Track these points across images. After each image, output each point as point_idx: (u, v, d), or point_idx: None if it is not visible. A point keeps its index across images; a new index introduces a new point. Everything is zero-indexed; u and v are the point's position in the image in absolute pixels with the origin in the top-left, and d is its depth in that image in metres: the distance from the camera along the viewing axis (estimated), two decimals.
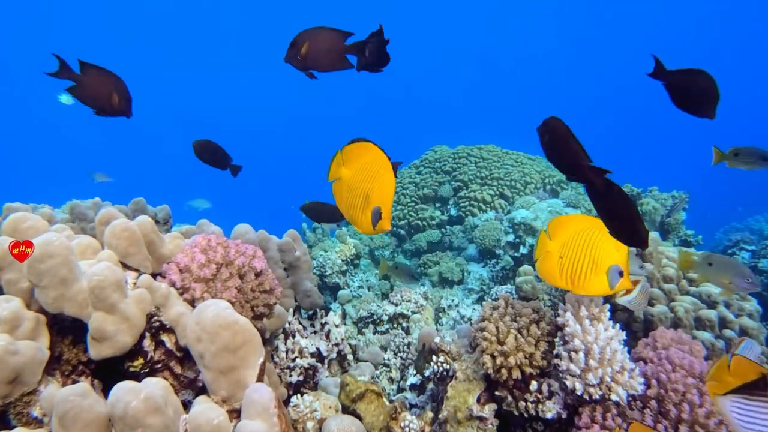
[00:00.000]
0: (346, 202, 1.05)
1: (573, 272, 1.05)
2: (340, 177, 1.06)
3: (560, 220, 1.12)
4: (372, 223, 1.00)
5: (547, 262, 1.10)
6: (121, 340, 0.89)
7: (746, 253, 3.44)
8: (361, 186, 1.01)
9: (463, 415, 1.23)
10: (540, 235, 1.14)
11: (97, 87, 1.29)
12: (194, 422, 0.76)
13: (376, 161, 1.00)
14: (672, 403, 1.04)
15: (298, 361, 1.59)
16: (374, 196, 0.99)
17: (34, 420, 0.81)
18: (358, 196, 1.01)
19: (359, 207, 1.02)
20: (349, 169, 1.04)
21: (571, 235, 1.07)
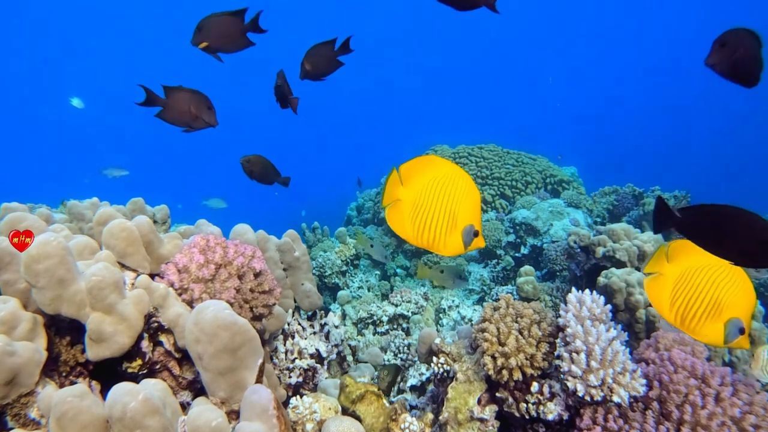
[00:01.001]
0: (417, 225, 0.92)
1: (687, 310, 0.92)
2: (400, 199, 0.93)
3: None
4: (464, 242, 0.90)
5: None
6: (119, 341, 0.89)
7: None
8: (440, 204, 0.90)
9: (464, 417, 1.23)
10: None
11: (181, 106, 1.37)
12: (193, 424, 0.76)
13: (451, 174, 0.90)
14: (674, 404, 1.04)
15: (298, 362, 1.59)
16: (463, 212, 0.89)
17: (31, 421, 0.81)
18: (438, 217, 0.90)
19: (442, 228, 0.90)
20: (411, 188, 0.92)
21: (696, 266, 0.92)
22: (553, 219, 3.26)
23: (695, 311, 0.92)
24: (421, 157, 0.95)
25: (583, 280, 2.27)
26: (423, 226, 0.92)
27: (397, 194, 0.93)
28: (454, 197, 0.89)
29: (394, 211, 0.94)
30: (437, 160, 0.92)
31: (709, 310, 0.90)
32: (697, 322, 0.92)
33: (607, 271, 1.90)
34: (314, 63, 1.48)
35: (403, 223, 0.94)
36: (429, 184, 0.91)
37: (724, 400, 1.01)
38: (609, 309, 1.17)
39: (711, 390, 1.03)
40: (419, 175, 0.91)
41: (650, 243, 1.98)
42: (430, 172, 0.91)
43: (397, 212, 0.93)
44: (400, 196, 0.93)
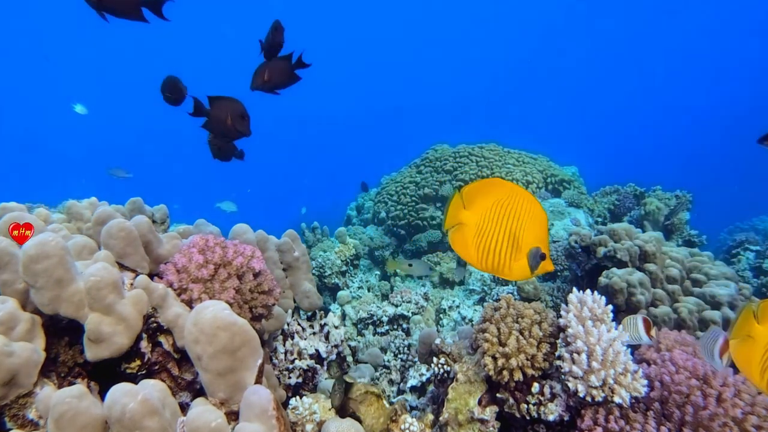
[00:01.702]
0: (481, 250, 0.90)
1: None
2: (462, 222, 0.92)
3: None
4: (531, 267, 0.87)
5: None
6: (117, 342, 0.89)
7: (751, 254, 3.44)
8: (503, 228, 0.87)
9: (464, 418, 1.23)
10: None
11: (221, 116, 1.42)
12: (192, 425, 0.76)
13: (515, 195, 0.88)
14: (675, 405, 1.04)
15: (297, 362, 1.59)
16: (528, 235, 0.87)
17: (29, 422, 0.81)
18: (502, 241, 0.88)
19: (506, 252, 0.88)
20: (474, 212, 0.91)
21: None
22: (554, 219, 3.26)
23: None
24: (485, 179, 0.94)
25: (584, 280, 2.27)
26: (486, 251, 0.90)
27: (459, 217, 0.91)
28: (518, 219, 0.87)
29: (457, 235, 0.93)
30: (500, 182, 0.90)
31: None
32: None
33: (608, 271, 1.90)
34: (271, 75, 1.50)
35: (467, 248, 0.92)
36: (492, 206, 0.89)
37: (726, 401, 1.01)
38: (610, 309, 1.17)
39: (713, 391, 1.03)
40: (482, 198, 0.90)
41: (651, 243, 1.98)
42: (493, 194, 0.89)
43: (461, 236, 0.92)
44: (462, 220, 0.91)
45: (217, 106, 1.42)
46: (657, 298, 1.79)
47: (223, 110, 1.41)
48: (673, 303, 1.79)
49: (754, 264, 3.30)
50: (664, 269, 1.91)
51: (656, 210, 3.23)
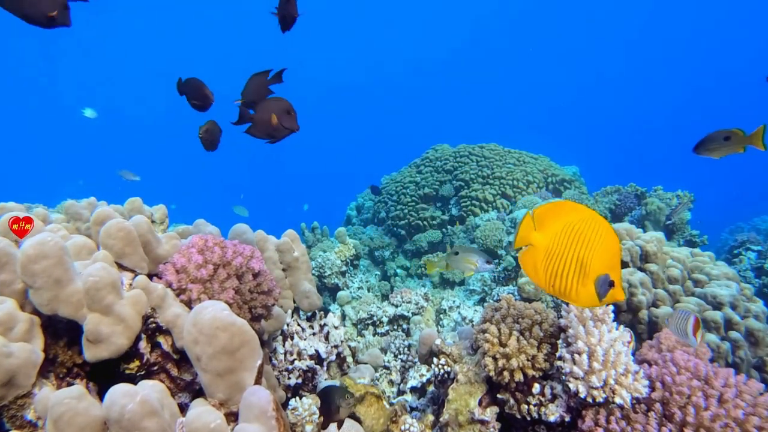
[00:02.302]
0: (549, 273, 0.90)
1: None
2: (532, 243, 0.91)
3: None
4: (599, 294, 0.85)
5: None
6: (116, 342, 0.89)
7: (753, 254, 3.44)
8: (572, 252, 0.86)
9: (465, 419, 1.23)
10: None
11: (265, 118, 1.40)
12: (191, 425, 0.76)
13: (587, 220, 0.86)
14: (677, 405, 1.04)
15: (297, 363, 1.59)
16: (596, 262, 0.85)
17: (28, 423, 0.81)
18: (570, 266, 0.87)
19: (574, 277, 0.87)
20: (545, 234, 0.90)
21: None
22: None
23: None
24: (557, 201, 0.93)
25: None
26: (554, 275, 0.89)
27: (530, 239, 0.91)
28: (588, 245, 0.86)
29: (527, 257, 0.92)
30: (573, 205, 0.89)
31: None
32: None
33: None
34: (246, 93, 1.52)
35: (536, 270, 0.92)
36: (562, 230, 0.88)
37: (728, 402, 1.01)
38: (611, 310, 1.17)
39: (714, 391, 1.03)
40: (553, 221, 0.89)
41: (653, 243, 1.98)
42: (565, 217, 0.88)
43: (530, 258, 0.92)
44: (532, 241, 0.91)
45: (261, 109, 1.40)
46: (658, 299, 1.79)
47: (267, 111, 1.39)
48: (675, 303, 1.79)
49: (756, 264, 3.30)
50: (665, 269, 1.91)
51: (657, 210, 3.23)
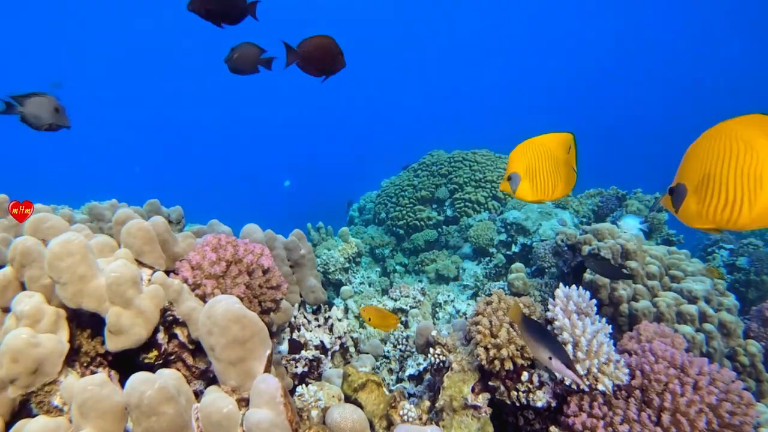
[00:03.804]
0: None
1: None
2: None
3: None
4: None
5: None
6: (136, 333, 0.89)
7: (725, 252, 3.44)
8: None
9: (459, 404, 1.23)
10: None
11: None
12: (205, 410, 0.76)
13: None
14: (655, 392, 1.04)
15: (303, 353, 1.59)
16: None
17: (54, 408, 0.81)
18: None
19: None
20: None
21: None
22: (542, 219, 3.26)
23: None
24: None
25: (570, 276, 2.27)
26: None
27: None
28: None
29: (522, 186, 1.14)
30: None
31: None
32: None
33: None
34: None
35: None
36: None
37: (702, 389, 1.01)
38: (594, 303, 1.17)
39: (689, 379, 1.03)
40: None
41: (633, 241, 1.98)
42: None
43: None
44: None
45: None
46: (638, 293, 1.80)
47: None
48: (653, 297, 1.79)
49: (728, 261, 3.31)
50: (644, 266, 1.91)
51: (637, 211, 3.23)
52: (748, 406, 0.99)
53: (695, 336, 1.62)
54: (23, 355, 0.77)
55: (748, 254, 3.20)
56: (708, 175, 0.76)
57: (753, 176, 0.72)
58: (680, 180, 0.81)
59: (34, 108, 1.30)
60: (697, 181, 0.77)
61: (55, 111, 1.33)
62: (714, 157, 0.75)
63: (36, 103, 1.30)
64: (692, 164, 0.78)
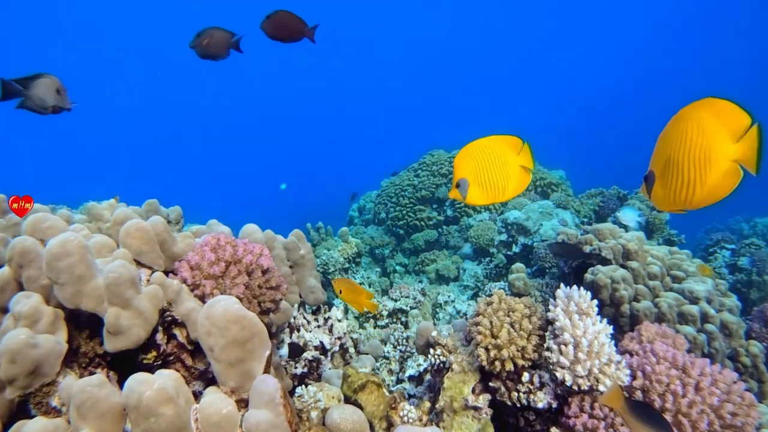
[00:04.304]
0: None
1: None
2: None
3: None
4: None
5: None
6: (135, 334, 0.89)
7: (726, 252, 3.44)
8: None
9: (459, 405, 1.23)
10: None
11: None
12: (204, 411, 0.76)
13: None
14: (656, 393, 1.04)
15: (303, 353, 1.59)
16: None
17: (52, 409, 0.81)
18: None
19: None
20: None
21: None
22: (543, 219, 3.25)
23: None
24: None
25: (571, 276, 2.27)
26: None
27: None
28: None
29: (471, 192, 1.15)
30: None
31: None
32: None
33: (593, 268, 1.90)
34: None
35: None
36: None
37: (704, 390, 1.01)
38: (595, 304, 1.17)
39: (691, 380, 1.03)
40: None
41: (634, 242, 1.98)
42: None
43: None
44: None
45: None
46: (639, 294, 1.79)
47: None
48: (654, 298, 1.79)
49: (730, 261, 3.31)
50: (645, 266, 1.91)
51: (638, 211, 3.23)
52: (750, 407, 0.99)
53: (697, 337, 1.62)
54: (21, 355, 0.77)
55: (750, 254, 3.20)
56: (669, 160, 0.81)
57: (703, 156, 0.77)
58: (651, 167, 0.86)
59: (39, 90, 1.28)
60: (662, 167, 0.83)
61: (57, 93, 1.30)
62: (674, 142, 0.81)
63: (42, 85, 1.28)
64: (658, 151, 0.84)
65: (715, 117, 0.75)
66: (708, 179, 0.76)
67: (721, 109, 0.75)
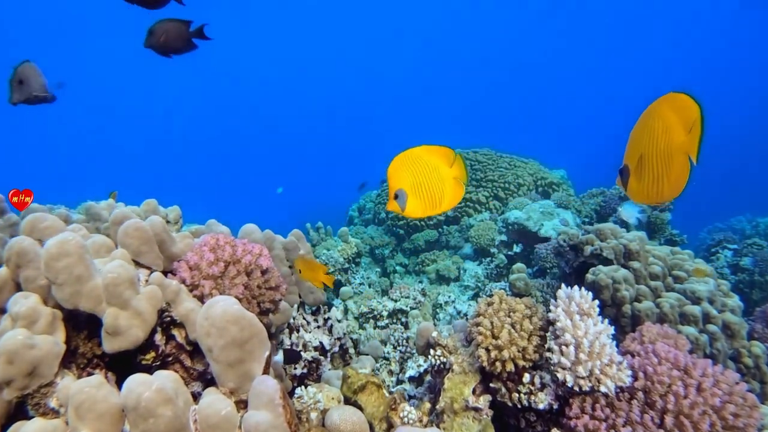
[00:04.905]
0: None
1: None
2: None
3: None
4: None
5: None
6: (133, 335, 0.89)
7: (729, 252, 3.44)
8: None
9: (459, 406, 1.23)
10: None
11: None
12: (203, 413, 0.76)
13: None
14: (658, 394, 1.04)
15: (303, 354, 1.59)
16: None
17: (51, 410, 0.81)
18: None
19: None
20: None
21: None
22: (544, 219, 3.26)
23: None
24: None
25: (572, 276, 2.27)
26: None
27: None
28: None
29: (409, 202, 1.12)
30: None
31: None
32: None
33: (594, 269, 1.90)
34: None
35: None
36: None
37: (706, 390, 1.01)
38: (596, 304, 1.17)
39: (693, 381, 1.03)
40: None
41: (635, 242, 1.98)
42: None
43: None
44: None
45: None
46: (641, 294, 1.79)
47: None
48: (656, 298, 1.79)
49: (732, 261, 3.31)
50: (647, 266, 1.91)
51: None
52: (752, 408, 0.99)
53: (699, 337, 1.62)
54: (19, 356, 0.77)
55: (752, 254, 3.20)
56: (642, 156, 0.86)
57: (667, 151, 0.81)
58: (625, 161, 0.90)
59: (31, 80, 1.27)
60: (636, 162, 0.87)
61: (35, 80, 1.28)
62: (644, 138, 0.85)
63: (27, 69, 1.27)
64: (631, 146, 0.88)
65: (673, 112, 0.80)
66: (672, 173, 0.82)
67: (678, 103, 0.80)
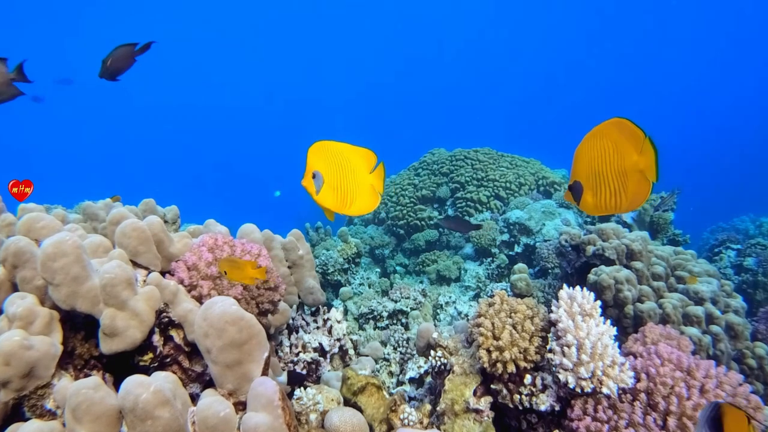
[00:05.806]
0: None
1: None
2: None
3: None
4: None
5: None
6: (131, 336, 0.89)
7: (732, 252, 3.44)
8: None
9: (460, 408, 1.23)
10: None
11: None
12: (201, 414, 0.76)
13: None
14: (661, 395, 1.04)
15: (302, 355, 1.59)
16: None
17: (47, 412, 0.81)
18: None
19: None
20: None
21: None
22: (546, 219, 3.25)
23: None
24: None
25: (574, 277, 2.26)
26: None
27: None
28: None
29: None
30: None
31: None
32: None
33: (596, 269, 1.90)
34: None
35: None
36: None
37: (709, 392, 1.01)
38: (599, 305, 1.17)
39: (696, 382, 1.03)
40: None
41: (638, 242, 1.98)
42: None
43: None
44: None
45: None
46: (643, 294, 1.79)
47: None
48: (659, 299, 1.79)
49: (735, 262, 3.31)
50: (649, 267, 1.91)
51: (642, 210, 3.23)
52: (756, 409, 0.99)
53: (702, 338, 1.62)
54: (15, 357, 0.77)
55: (756, 255, 3.20)
56: (595, 173, 0.94)
57: (620, 171, 0.91)
58: (576, 177, 0.98)
59: None
60: (589, 178, 0.96)
61: None
62: (596, 157, 0.94)
63: None
64: (582, 164, 0.97)
65: (621, 134, 0.90)
66: (629, 188, 0.92)
67: (624, 127, 0.90)
